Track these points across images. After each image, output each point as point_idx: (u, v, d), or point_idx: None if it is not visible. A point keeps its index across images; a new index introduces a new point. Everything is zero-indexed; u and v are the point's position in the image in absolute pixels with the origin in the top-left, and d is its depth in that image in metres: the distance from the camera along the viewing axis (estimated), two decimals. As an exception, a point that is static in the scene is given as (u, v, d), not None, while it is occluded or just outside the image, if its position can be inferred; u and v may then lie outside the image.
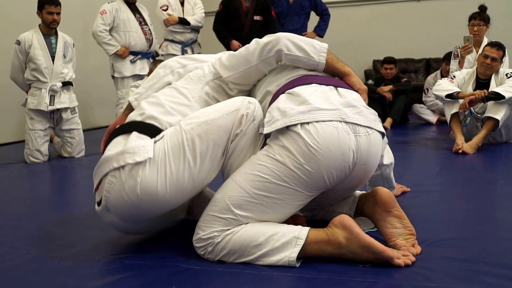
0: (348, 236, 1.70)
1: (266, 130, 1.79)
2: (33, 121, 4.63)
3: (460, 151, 4.01)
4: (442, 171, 3.61)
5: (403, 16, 8.53)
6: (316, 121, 1.75)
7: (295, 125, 1.75)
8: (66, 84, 4.77)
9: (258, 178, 1.77)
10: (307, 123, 1.75)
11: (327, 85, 1.96)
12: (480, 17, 5.08)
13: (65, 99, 4.73)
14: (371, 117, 1.89)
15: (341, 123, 1.77)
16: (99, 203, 1.91)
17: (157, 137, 1.86)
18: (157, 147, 1.82)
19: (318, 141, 1.73)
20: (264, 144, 1.93)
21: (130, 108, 2.20)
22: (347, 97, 1.91)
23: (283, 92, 1.93)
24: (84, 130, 5.01)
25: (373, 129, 1.86)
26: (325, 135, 1.74)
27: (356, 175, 1.84)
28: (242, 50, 2.09)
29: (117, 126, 2.02)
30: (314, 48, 2.04)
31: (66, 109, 4.74)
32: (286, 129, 1.77)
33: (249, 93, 2.16)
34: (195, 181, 1.82)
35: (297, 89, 1.90)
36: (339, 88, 1.96)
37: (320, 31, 6.33)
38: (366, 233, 1.94)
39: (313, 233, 1.75)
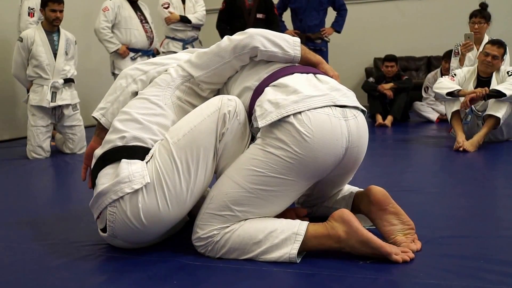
0: (347, 230, 1.70)
1: (261, 124, 1.77)
2: (35, 117, 4.66)
3: (461, 149, 4.02)
4: (442, 169, 3.62)
5: (404, 14, 8.53)
6: (308, 110, 1.75)
7: (288, 115, 1.75)
8: (68, 81, 4.80)
9: (254, 173, 1.76)
10: (299, 112, 1.75)
11: (307, 73, 1.97)
12: (481, 14, 5.09)
13: (67, 96, 4.76)
14: (353, 97, 1.93)
15: (331, 109, 1.79)
16: (103, 230, 1.90)
17: (147, 158, 1.85)
18: (149, 168, 1.81)
19: (312, 129, 1.73)
20: (252, 137, 1.93)
21: (100, 127, 2.14)
22: (329, 82, 1.94)
23: (267, 85, 1.91)
24: (85, 127, 5.04)
25: (358, 109, 1.90)
26: (318, 123, 1.75)
27: (350, 158, 1.86)
28: (214, 47, 2.04)
29: (100, 154, 1.95)
30: (288, 43, 2.04)
31: (67, 105, 4.77)
32: (278, 121, 1.76)
33: (219, 91, 2.11)
34: (194, 190, 1.82)
35: (282, 80, 1.90)
36: (317, 75, 1.98)
37: (338, 27, 6.31)
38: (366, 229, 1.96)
39: (312, 228, 1.75)
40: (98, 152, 1.97)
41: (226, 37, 2.05)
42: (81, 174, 2.16)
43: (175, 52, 5.13)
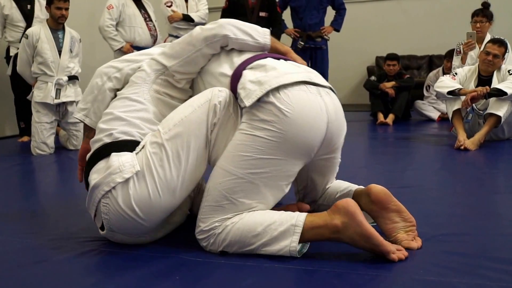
0: (347, 221, 1.68)
1: (248, 103, 1.80)
2: (39, 114, 4.69)
3: (462, 147, 4.03)
4: (443, 167, 3.63)
5: (406, 13, 8.52)
6: (285, 86, 1.80)
7: (267, 95, 1.79)
8: (72, 78, 4.84)
9: (242, 158, 1.79)
10: (278, 91, 1.79)
11: (278, 59, 2.02)
12: (483, 13, 5.10)
13: (71, 93, 4.79)
14: (326, 82, 2.00)
15: (306, 87, 1.85)
16: (102, 228, 1.94)
17: (137, 149, 1.89)
18: (139, 158, 1.84)
19: (292, 105, 1.77)
20: None
21: (88, 128, 2.18)
22: (301, 66, 2.02)
23: (244, 69, 1.95)
24: (89, 124, 5.04)
25: (331, 89, 1.97)
26: (297, 99, 1.79)
27: (333, 133, 1.90)
28: (186, 36, 2.10)
29: (90, 153, 1.99)
30: (258, 32, 2.11)
31: (71, 102, 4.80)
32: (258, 103, 1.80)
33: (194, 81, 2.14)
34: (185, 178, 1.84)
35: (258, 62, 1.96)
36: (288, 61, 2.04)
37: (337, 26, 6.31)
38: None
39: (309, 219, 1.75)
40: (90, 154, 2.01)
41: (198, 27, 2.12)
42: (78, 176, 2.19)
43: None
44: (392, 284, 1.57)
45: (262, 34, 2.12)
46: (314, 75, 1.95)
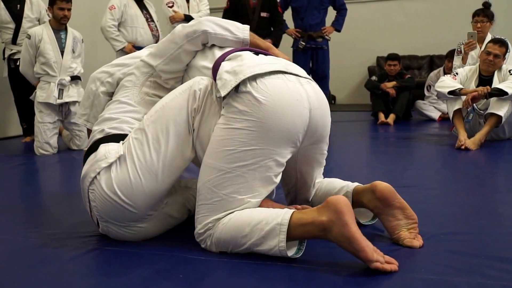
0: (333, 219, 1.60)
1: (223, 93, 1.81)
2: (42, 114, 4.71)
3: (463, 147, 4.04)
4: (444, 166, 3.64)
5: (407, 13, 8.55)
6: (262, 75, 1.82)
7: (245, 86, 1.80)
8: (75, 78, 4.86)
9: (226, 153, 1.79)
10: (255, 80, 1.80)
11: (257, 54, 2.04)
12: (484, 13, 5.11)
13: (74, 93, 4.82)
14: (306, 74, 2.00)
15: (284, 75, 1.87)
16: (98, 224, 1.98)
17: (125, 140, 1.96)
18: (124, 145, 1.92)
19: (269, 93, 1.79)
20: None
21: (91, 132, 2.26)
22: (281, 59, 2.04)
23: (222, 60, 1.97)
24: (92, 124, 5.06)
25: (311, 80, 1.98)
26: (274, 87, 1.81)
27: (317, 121, 1.90)
28: (169, 35, 2.15)
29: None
30: (237, 28, 2.16)
31: (74, 102, 4.82)
32: (236, 93, 1.81)
33: (183, 79, 2.17)
34: (166, 162, 1.88)
35: (236, 53, 1.99)
36: (268, 56, 2.06)
37: (338, 26, 6.28)
38: (366, 225, 1.98)
39: (297, 216, 1.69)
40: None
41: (180, 25, 2.16)
42: None
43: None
44: (394, 282, 1.57)
45: (241, 30, 2.15)
46: (293, 67, 1.96)
